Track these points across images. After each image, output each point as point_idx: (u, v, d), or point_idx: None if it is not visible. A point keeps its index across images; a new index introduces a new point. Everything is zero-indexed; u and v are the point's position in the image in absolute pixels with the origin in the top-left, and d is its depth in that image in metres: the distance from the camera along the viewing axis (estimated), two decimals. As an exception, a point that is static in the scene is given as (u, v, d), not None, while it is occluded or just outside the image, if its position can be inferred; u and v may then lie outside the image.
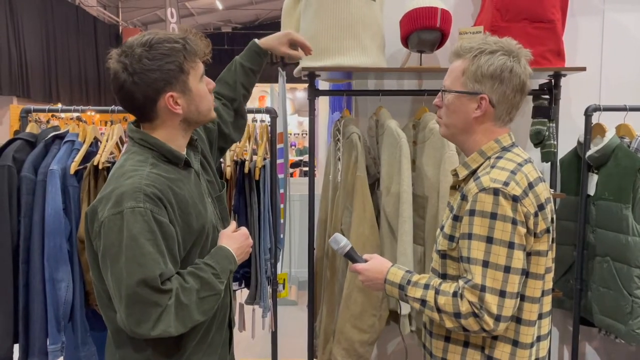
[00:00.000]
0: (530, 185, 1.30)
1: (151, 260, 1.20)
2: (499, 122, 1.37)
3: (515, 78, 1.33)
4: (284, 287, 2.58)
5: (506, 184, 1.27)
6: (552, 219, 1.37)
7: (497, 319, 1.26)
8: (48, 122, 6.70)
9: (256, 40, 1.80)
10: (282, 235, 2.62)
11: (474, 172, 1.37)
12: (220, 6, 14.13)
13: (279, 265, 2.55)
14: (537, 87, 2.37)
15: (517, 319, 1.33)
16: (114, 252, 1.21)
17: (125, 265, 1.19)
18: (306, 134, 10.59)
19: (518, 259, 1.26)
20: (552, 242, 1.39)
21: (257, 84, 1.88)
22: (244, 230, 1.49)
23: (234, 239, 1.45)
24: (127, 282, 1.19)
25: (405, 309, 2.16)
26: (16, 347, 2.09)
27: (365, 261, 1.51)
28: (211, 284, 1.31)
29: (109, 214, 1.22)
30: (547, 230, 1.32)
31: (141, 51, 1.29)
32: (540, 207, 1.30)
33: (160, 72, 1.29)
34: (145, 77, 1.28)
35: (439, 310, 1.32)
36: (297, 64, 2.29)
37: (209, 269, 1.33)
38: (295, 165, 7.98)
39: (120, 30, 14.14)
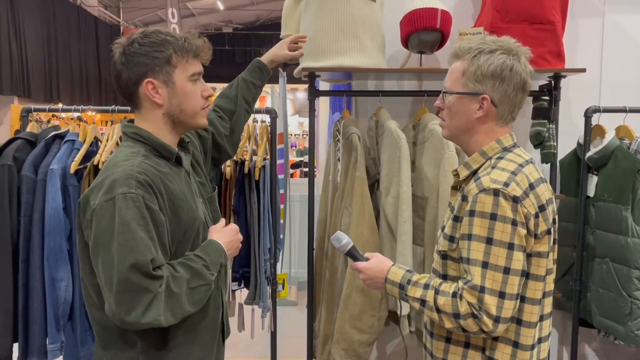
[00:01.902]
0: (531, 186, 1.29)
1: (143, 245, 1.20)
2: (501, 121, 1.37)
3: (516, 76, 1.32)
4: (283, 288, 2.58)
5: (506, 184, 1.26)
6: (553, 220, 1.36)
7: (496, 320, 1.25)
8: (49, 121, 6.70)
9: (259, 58, 1.89)
10: (281, 236, 2.62)
11: (475, 173, 1.37)
12: (221, 7, 14.14)
13: (278, 265, 2.55)
14: (537, 89, 2.37)
15: (518, 321, 1.33)
16: (105, 239, 1.21)
17: (117, 251, 1.19)
18: (307, 134, 10.59)
19: (518, 260, 1.26)
20: (554, 243, 1.38)
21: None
22: (233, 225, 1.51)
23: (224, 233, 1.46)
24: (118, 268, 1.19)
25: (404, 309, 2.16)
26: (15, 346, 2.09)
27: (367, 260, 1.50)
28: (202, 274, 1.31)
29: (101, 201, 1.23)
30: (548, 232, 1.32)
31: (136, 37, 1.36)
32: (541, 208, 1.30)
33: (146, 58, 1.34)
34: (131, 58, 1.34)
35: (438, 311, 1.32)
36: (298, 64, 2.29)
37: (199, 260, 1.33)
38: (295, 165, 7.98)
39: (121, 31, 14.13)
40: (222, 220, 1.52)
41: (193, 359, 1.40)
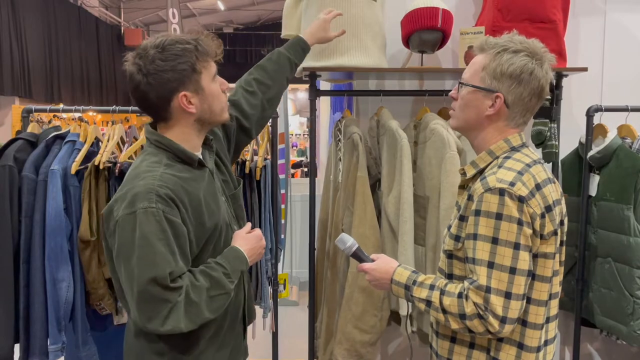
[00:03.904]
0: (538, 187, 1.28)
1: (161, 260, 1.25)
2: (511, 123, 1.36)
3: (535, 81, 1.30)
4: (284, 288, 2.58)
5: (512, 184, 1.25)
6: (561, 221, 1.35)
7: (503, 320, 1.25)
8: (50, 122, 6.71)
9: (303, 36, 1.88)
10: (283, 236, 2.62)
11: (482, 172, 1.36)
12: (222, 7, 14.15)
13: (279, 265, 2.55)
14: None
15: (523, 322, 1.32)
16: (126, 251, 1.26)
17: (137, 264, 1.24)
18: (307, 134, 10.57)
19: (524, 260, 1.25)
20: (562, 244, 1.37)
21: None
22: (257, 232, 1.53)
23: (247, 240, 1.48)
24: (138, 280, 1.24)
25: (404, 309, 2.15)
26: (17, 347, 2.09)
27: (373, 261, 1.50)
28: (221, 283, 1.35)
29: (123, 214, 1.27)
30: (555, 233, 1.31)
31: (154, 53, 1.33)
32: (548, 209, 1.29)
33: (174, 72, 1.34)
34: (158, 77, 1.33)
35: (444, 311, 1.31)
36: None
37: (220, 268, 1.37)
38: (296, 165, 7.98)
39: (122, 31, 14.14)
40: (248, 225, 1.54)
41: (215, 353, 1.46)
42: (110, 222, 1.31)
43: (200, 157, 1.46)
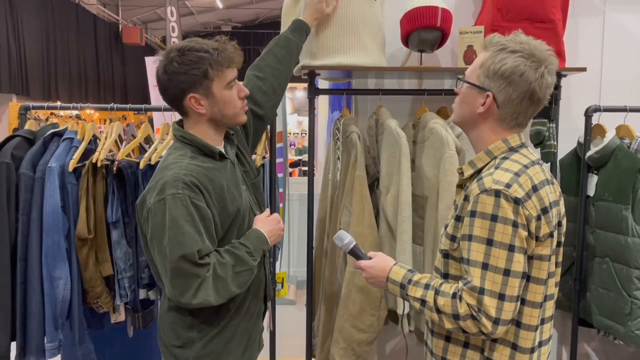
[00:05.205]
0: (535, 188, 1.28)
1: (189, 239, 1.40)
2: (503, 123, 1.34)
3: (524, 84, 1.27)
4: (282, 286, 2.58)
5: (508, 185, 1.25)
6: (559, 222, 1.35)
7: (496, 322, 1.25)
8: (47, 119, 6.68)
9: (303, 19, 2.02)
10: (281, 235, 2.61)
11: (479, 172, 1.36)
12: (220, 5, 14.11)
13: (277, 264, 2.54)
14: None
15: (517, 323, 1.32)
16: (159, 233, 1.42)
17: (168, 244, 1.40)
18: (305, 133, 10.57)
19: (518, 262, 1.25)
20: (558, 246, 1.36)
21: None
22: (275, 215, 1.69)
23: (267, 223, 1.64)
24: (170, 258, 1.40)
25: (401, 308, 2.15)
26: (13, 345, 2.08)
27: (370, 258, 1.51)
28: (245, 260, 1.50)
29: (155, 201, 1.43)
30: (550, 235, 1.30)
31: (174, 55, 1.50)
32: (544, 211, 1.28)
33: (186, 76, 1.49)
34: (173, 77, 1.50)
35: (438, 311, 1.31)
36: (297, 62, 2.28)
37: (243, 247, 1.52)
38: (294, 164, 7.98)
39: (120, 29, 14.09)
40: (267, 211, 1.70)
41: (239, 324, 1.61)
42: (144, 210, 1.47)
43: (222, 150, 1.59)
